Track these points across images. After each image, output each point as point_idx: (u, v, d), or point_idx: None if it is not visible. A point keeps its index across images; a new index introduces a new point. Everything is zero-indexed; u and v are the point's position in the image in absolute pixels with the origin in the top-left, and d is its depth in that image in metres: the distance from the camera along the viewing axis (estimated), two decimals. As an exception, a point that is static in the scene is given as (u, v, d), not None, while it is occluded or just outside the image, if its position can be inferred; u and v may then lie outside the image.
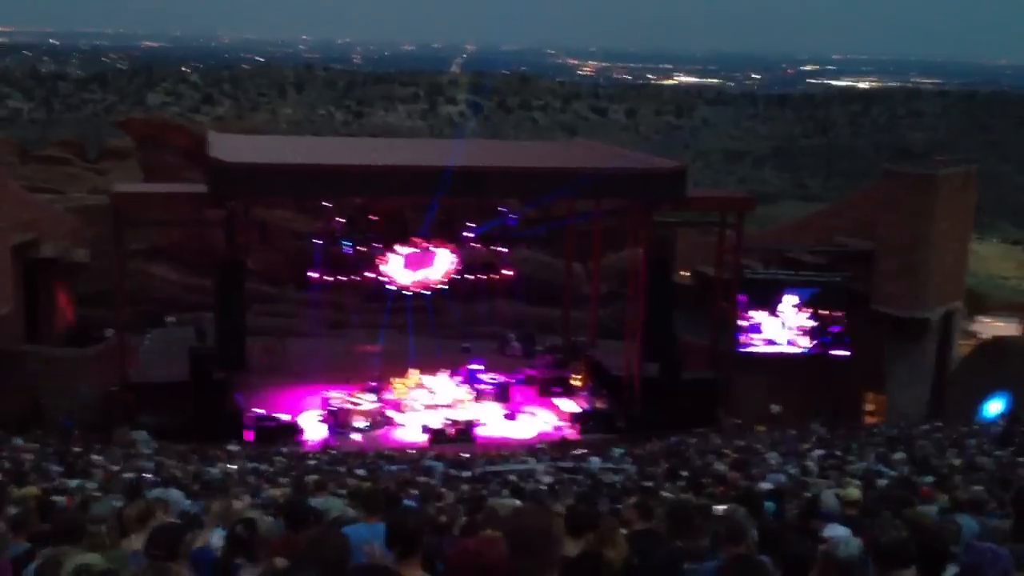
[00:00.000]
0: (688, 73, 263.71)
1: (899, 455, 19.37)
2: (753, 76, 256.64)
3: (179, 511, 9.67)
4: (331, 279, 31.20)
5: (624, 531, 6.85)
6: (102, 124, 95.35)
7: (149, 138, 41.58)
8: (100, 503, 8.85)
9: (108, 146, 46.86)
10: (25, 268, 30.63)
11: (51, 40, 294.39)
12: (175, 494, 11.57)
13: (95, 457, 21.45)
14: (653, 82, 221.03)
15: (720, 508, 10.34)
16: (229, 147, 30.14)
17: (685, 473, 17.90)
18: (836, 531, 7.99)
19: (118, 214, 28.42)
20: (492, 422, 29.87)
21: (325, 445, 27.14)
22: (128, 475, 17.23)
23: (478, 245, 32.02)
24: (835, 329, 31.45)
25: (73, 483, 15.41)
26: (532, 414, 30.94)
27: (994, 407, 28.06)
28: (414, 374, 31.14)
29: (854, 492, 9.86)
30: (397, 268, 30.64)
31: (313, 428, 28.81)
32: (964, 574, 5.54)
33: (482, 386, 31.54)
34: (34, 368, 29.35)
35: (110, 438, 26.83)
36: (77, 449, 23.32)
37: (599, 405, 31.29)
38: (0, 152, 28.56)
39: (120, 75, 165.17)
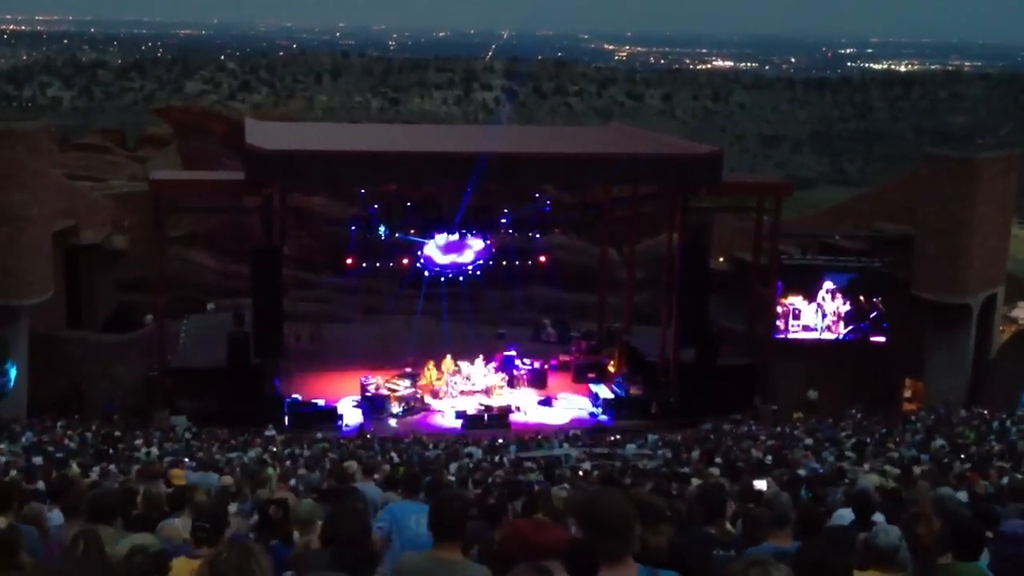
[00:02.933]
0: (725, 57, 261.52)
1: (938, 442, 19.21)
2: (790, 60, 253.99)
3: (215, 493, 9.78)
4: (366, 265, 31.34)
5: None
6: (141, 112, 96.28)
7: (187, 126, 41.95)
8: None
9: (147, 134, 47.32)
10: (66, 255, 31.03)
11: (91, 29, 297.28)
12: (212, 478, 11.70)
13: (136, 442, 21.75)
14: (689, 66, 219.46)
15: (760, 484, 10.30)
16: (266, 134, 30.33)
17: (719, 460, 17.83)
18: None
19: (157, 201, 28.69)
20: (527, 408, 29.91)
21: (361, 430, 27.32)
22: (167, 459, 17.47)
23: (513, 231, 32.02)
24: (873, 315, 31.17)
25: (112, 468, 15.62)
26: (567, 400, 30.94)
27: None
28: (449, 360, 31.21)
29: (888, 480, 9.78)
30: (432, 253, 30.76)
31: (349, 413, 29.01)
32: (997, 557, 5.49)
33: (517, 372, 31.58)
34: (75, 353, 29.77)
35: (149, 422, 27.19)
36: (117, 433, 23.65)
37: (634, 391, 31.22)
38: (41, 140, 28.91)
39: (159, 63, 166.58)
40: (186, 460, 17.47)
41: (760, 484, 10.91)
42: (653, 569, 4.23)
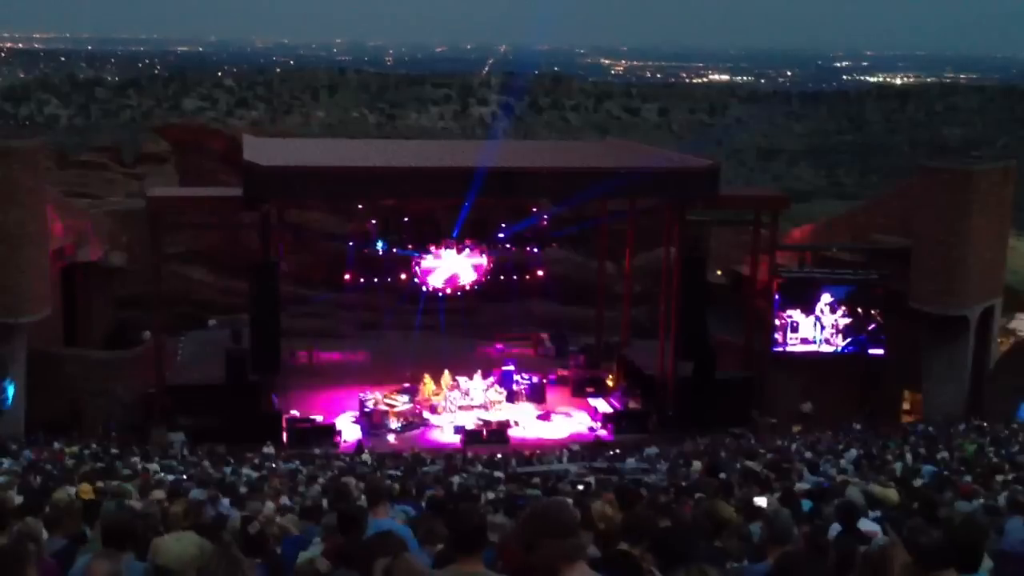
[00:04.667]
0: (720, 71, 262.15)
1: (938, 454, 19.20)
2: (786, 73, 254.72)
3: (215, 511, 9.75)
4: (364, 281, 31.34)
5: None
6: (139, 129, 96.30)
7: (185, 142, 42.00)
8: (145, 505, 8.94)
9: (145, 151, 47.28)
10: (64, 272, 31.00)
11: (88, 46, 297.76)
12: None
13: (133, 459, 21.68)
14: (685, 81, 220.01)
15: (761, 500, 10.26)
16: (263, 150, 30.37)
17: (723, 475, 17.79)
18: (867, 526, 7.94)
19: (155, 218, 28.71)
20: (525, 423, 29.87)
21: (359, 446, 27.27)
22: (169, 477, 17.41)
23: (510, 246, 32.04)
24: (871, 327, 31.17)
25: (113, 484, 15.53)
26: (566, 414, 30.90)
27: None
28: (447, 375, 31.17)
29: (891, 494, 9.76)
30: (430, 269, 30.78)
31: (348, 429, 28.95)
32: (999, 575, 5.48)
33: (515, 387, 31.54)
34: (73, 371, 29.70)
35: (147, 440, 27.11)
36: (115, 451, 23.58)
37: (632, 405, 31.21)
38: (38, 158, 28.92)
39: (156, 80, 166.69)
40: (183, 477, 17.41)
41: (760, 500, 10.87)
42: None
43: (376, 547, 5.26)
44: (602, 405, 31.07)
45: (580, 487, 16.93)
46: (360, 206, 31.10)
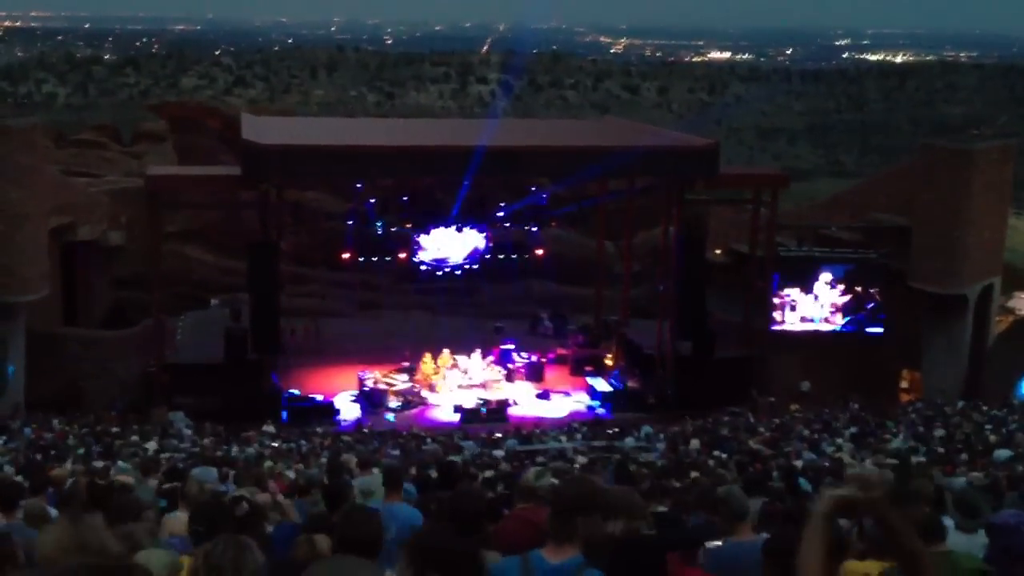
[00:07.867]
0: (720, 49, 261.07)
1: (935, 432, 19.26)
2: (786, 52, 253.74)
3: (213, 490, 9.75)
4: (363, 260, 31.33)
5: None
6: (137, 108, 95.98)
7: (183, 121, 41.94)
8: (143, 488, 8.97)
9: (143, 129, 47.18)
10: (62, 251, 31.00)
11: (86, 25, 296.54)
12: (211, 473, 11.68)
13: (133, 438, 21.73)
14: (685, 59, 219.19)
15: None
16: (262, 129, 30.30)
17: (718, 453, 17.88)
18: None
19: (153, 197, 28.66)
20: (524, 401, 29.92)
21: (359, 424, 27.35)
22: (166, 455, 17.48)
23: (509, 225, 32.01)
24: (870, 306, 31.18)
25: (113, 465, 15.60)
26: (564, 393, 30.96)
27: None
28: (446, 354, 31.20)
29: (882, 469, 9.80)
30: (429, 248, 30.78)
31: (347, 408, 29.02)
32: (993, 548, 5.51)
33: (514, 365, 31.57)
34: (73, 350, 29.74)
35: (147, 419, 27.16)
36: (115, 429, 23.64)
37: (631, 384, 31.26)
38: (36, 137, 28.87)
39: (154, 59, 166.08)
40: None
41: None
42: (587, 563, 4.29)
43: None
44: (601, 384, 31.11)
45: (578, 464, 17.01)
46: (359, 185, 31.04)
